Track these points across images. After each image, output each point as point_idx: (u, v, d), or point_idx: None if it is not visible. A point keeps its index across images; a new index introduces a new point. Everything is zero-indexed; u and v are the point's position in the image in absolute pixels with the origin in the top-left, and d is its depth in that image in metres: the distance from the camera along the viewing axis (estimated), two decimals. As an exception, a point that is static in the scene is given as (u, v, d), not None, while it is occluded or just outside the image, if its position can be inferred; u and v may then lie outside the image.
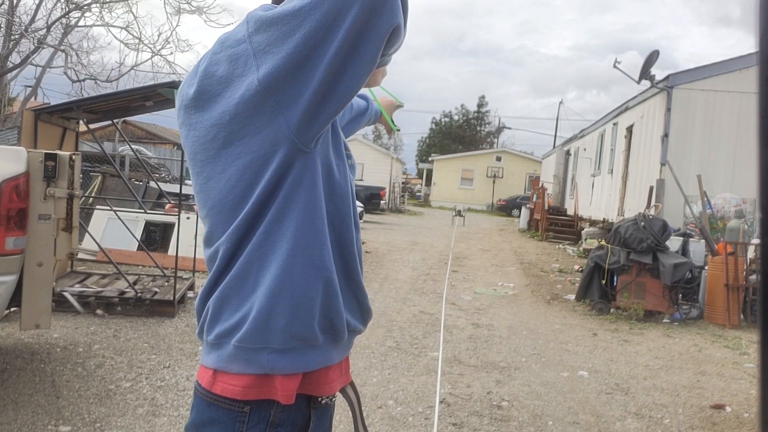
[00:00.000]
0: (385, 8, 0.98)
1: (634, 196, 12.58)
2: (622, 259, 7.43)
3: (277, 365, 1.10)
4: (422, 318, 6.46)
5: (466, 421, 3.74)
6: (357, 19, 0.97)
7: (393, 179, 31.31)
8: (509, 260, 12.58)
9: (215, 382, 1.13)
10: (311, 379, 1.16)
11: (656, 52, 11.28)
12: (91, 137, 8.14)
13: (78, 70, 14.44)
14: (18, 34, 13.35)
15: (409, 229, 19.09)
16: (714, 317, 7.30)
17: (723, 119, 10.94)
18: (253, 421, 1.11)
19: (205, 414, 1.13)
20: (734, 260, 7.29)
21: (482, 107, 59.05)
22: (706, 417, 4.13)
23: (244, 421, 1.10)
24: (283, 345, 1.10)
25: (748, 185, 10.35)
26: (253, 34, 1.02)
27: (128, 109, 7.09)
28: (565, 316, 7.21)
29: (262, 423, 1.11)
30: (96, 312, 5.51)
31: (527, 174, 37.49)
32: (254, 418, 1.11)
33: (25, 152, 3.53)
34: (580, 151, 19.95)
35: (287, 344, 1.10)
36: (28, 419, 3.28)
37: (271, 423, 1.11)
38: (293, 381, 1.12)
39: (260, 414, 1.11)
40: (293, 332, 1.10)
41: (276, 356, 1.10)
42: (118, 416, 3.39)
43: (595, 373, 4.96)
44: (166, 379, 4.01)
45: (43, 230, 3.56)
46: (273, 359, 1.09)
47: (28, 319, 3.56)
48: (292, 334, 1.10)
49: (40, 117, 5.72)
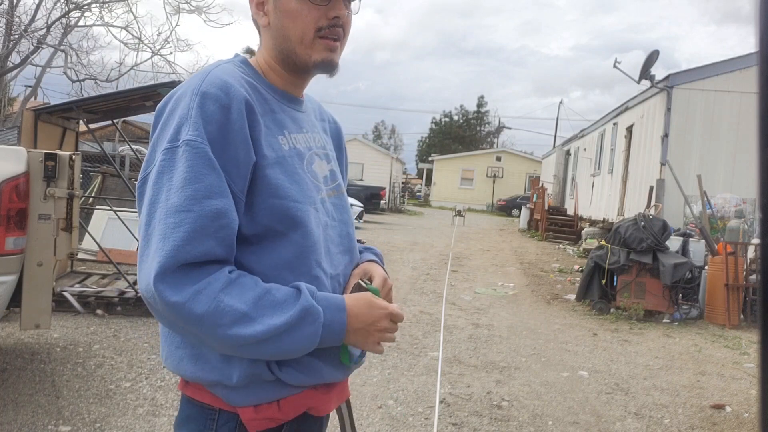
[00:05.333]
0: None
1: (634, 196, 12.58)
2: (622, 259, 7.42)
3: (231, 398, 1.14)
4: (422, 318, 6.46)
5: (466, 421, 3.74)
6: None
7: (393, 179, 31.31)
8: (509, 260, 12.58)
9: (187, 385, 1.17)
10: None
11: (656, 51, 11.28)
12: (91, 137, 8.14)
13: (78, 70, 14.45)
14: (18, 34, 13.35)
15: (409, 229, 19.08)
16: (714, 317, 7.29)
17: (723, 119, 10.94)
18: (223, 419, 1.14)
19: (184, 411, 1.19)
20: (734, 260, 7.29)
21: (482, 107, 59.10)
22: (706, 417, 4.13)
23: (214, 419, 1.14)
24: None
25: (748, 185, 10.35)
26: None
27: (128, 109, 7.09)
28: (565, 316, 7.21)
29: (232, 422, 1.13)
30: (96, 312, 5.51)
31: (527, 174, 37.48)
32: (224, 416, 1.14)
33: (25, 152, 3.53)
34: (580, 151, 19.95)
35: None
36: (28, 419, 3.27)
37: (241, 422, 1.13)
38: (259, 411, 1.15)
39: (230, 413, 1.14)
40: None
41: (227, 391, 1.13)
42: (118, 416, 3.39)
43: (595, 373, 4.96)
44: (166, 379, 4.01)
45: (43, 230, 3.56)
46: (225, 393, 1.13)
47: (28, 319, 3.56)
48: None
49: (40, 117, 5.72)
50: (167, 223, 1.01)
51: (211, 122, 1.05)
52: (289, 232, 1.12)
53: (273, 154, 1.12)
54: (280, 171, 1.13)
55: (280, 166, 1.13)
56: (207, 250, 1.01)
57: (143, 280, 1.02)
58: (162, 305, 1.01)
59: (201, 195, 1.02)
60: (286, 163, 1.15)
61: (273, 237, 1.12)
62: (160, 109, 1.12)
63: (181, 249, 0.99)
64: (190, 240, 1.00)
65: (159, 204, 1.03)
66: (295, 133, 1.21)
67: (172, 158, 1.04)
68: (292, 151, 1.18)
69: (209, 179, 1.03)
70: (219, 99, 1.07)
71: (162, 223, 1.01)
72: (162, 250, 0.99)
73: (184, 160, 1.03)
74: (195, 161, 1.03)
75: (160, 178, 1.04)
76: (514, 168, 38.91)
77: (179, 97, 1.09)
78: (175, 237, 1.00)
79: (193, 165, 1.02)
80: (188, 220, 1.00)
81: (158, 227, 1.02)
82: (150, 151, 1.09)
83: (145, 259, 1.03)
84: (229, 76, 1.11)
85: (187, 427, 1.16)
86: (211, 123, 1.05)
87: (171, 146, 1.05)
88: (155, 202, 1.03)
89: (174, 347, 1.15)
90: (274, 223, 1.11)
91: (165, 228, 1.00)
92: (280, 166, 1.13)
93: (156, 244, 1.01)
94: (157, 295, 1.00)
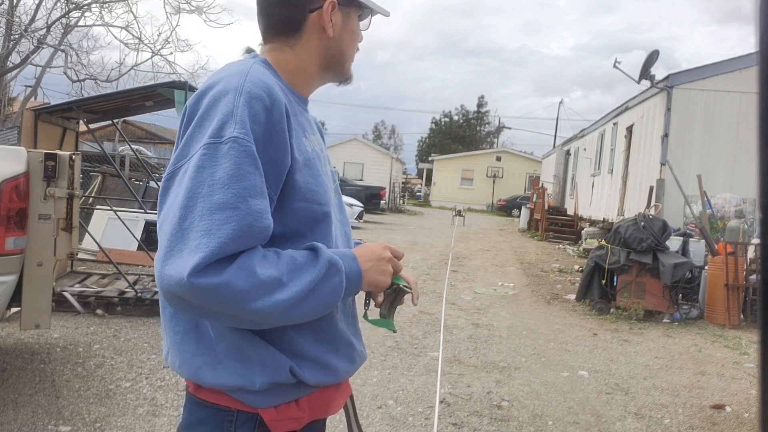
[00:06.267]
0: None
1: (634, 196, 12.58)
2: (622, 259, 7.42)
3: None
4: (422, 318, 6.46)
5: (466, 421, 3.74)
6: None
7: (393, 179, 31.31)
8: (509, 260, 12.58)
9: (200, 388, 1.16)
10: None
11: (656, 51, 11.28)
12: (91, 137, 8.14)
13: (78, 70, 14.45)
14: (18, 34, 13.35)
15: (409, 228, 19.08)
16: (714, 317, 7.29)
17: (723, 119, 10.94)
18: (242, 420, 1.13)
19: (194, 414, 1.17)
20: (734, 260, 7.29)
21: (482, 107, 59.10)
22: (706, 417, 4.13)
23: (232, 420, 1.13)
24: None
25: (748, 185, 10.35)
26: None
27: (128, 109, 7.09)
28: (565, 316, 7.21)
29: (251, 422, 1.13)
30: (96, 312, 5.51)
31: (527, 174, 37.47)
32: (242, 417, 1.13)
33: (25, 152, 3.53)
34: (580, 151, 19.95)
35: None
36: (28, 419, 3.27)
37: (260, 421, 1.13)
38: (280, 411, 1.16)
39: (249, 414, 1.13)
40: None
41: (248, 395, 1.13)
42: (118, 416, 3.39)
43: (595, 373, 4.96)
44: (166, 379, 4.01)
45: (43, 230, 3.56)
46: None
47: (28, 319, 3.56)
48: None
49: (40, 117, 5.72)
50: (213, 219, 0.98)
51: (257, 122, 1.06)
52: (310, 233, 1.15)
53: (302, 158, 1.14)
54: (308, 174, 1.15)
55: (308, 169, 1.16)
56: (247, 247, 1.02)
57: (173, 274, 0.97)
58: (198, 294, 0.97)
59: (248, 194, 1.01)
60: (312, 165, 1.17)
61: (295, 238, 1.14)
62: (192, 105, 1.11)
63: (225, 246, 0.98)
64: (235, 238, 0.99)
65: (200, 198, 1.00)
66: (311, 135, 1.24)
67: (215, 154, 1.03)
68: (314, 153, 1.21)
69: (254, 179, 1.03)
70: (263, 100, 1.08)
71: (206, 219, 0.99)
72: (207, 246, 0.97)
73: (230, 156, 1.02)
74: (242, 159, 1.02)
75: (201, 172, 1.02)
76: (514, 168, 38.91)
77: (218, 94, 1.08)
78: (222, 234, 0.98)
79: (240, 163, 1.02)
80: (235, 218, 0.99)
81: (200, 223, 0.99)
82: (183, 146, 1.07)
83: (178, 252, 0.98)
84: (268, 78, 1.13)
85: (200, 430, 1.15)
86: (256, 123, 1.06)
87: (213, 141, 1.03)
88: (194, 197, 1.01)
89: (189, 355, 1.13)
90: (300, 225, 1.14)
91: (210, 224, 0.98)
92: (307, 169, 1.15)
93: (198, 239, 0.98)
94: (193, 287, 0.96)
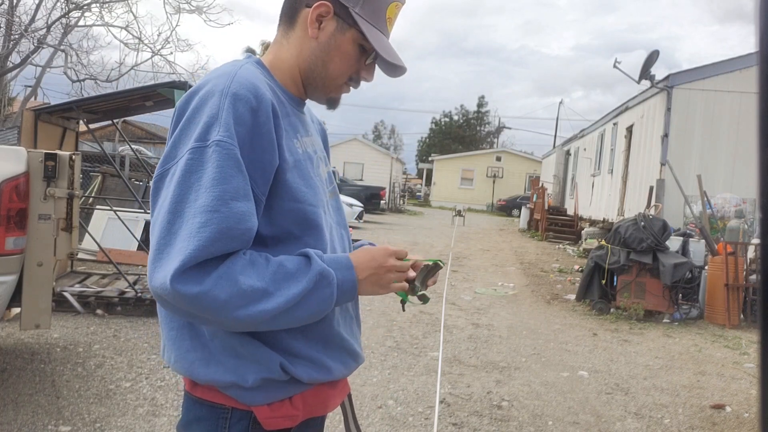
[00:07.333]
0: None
1: (634, 196, 12.58)
2: (622, 259, 7.42)
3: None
4: (422, 318, 6.46)
5: (466, 421, 3.74)
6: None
7: (393, 179, 31.30)
8: (509, 260, 12.58)
9: (196, 386, 1.17)
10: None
11: (656, 51, 11.28)
12: (91, 137, 8.14)
13: (78, 70, 14.44)
14: (18, 34, 13.35)
15: (409, 229, 19.07)
16: (714, 317, 7.29)
17: (723, 119, 10.94)
18: (236, 417, 1.14)
19: (191, 412, 1.18)
20: (734, 260, 7.29)
21: (482, 107, 59.10)
22: (706, 417, 4.13)
23: (227, 417, 1.14)
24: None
25: (748, 185, 10.35)
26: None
27: (128, 109, 7.09)
28: (565, 316, 7.21)
29: (245, 419, 1.14)
30: (96, 312, 5.51)
31: (527, 174, 37.47)
32: (237, 414, 1.14)
33: (25, 152, 3.53)
34: (580, 151, 19.95)
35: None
36: (28, 419, 3.27)
37: (254, 419, 1.14)
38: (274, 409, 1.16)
39: (243, 411, 1.14)
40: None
41: (242, 391, 1.13)
42: (118, 416, 3.39)
43: (595, 373, 4.96)
44: (166, 379, 4.01)
45: (43, 230, 3.56)
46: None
47: (28, 319, 3.56)
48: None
49: (40, 117, 5.72)
50: (194, 223, 1.00)
51: (241, 124, 1.06)
52: (304, 235, 1.15)
53: (291, 158, 1.14)
54: (298, 175, 1.15)
55: (298, 170, 1.16)
56: (228, 250, 1.02)
57: (159, 278, 1.00)
58: (180, 300, 0.99)
59: (229, 196, 1.02)
60: (301, 166, 1.17)
61: (288, 239, 1.14)
62: (181, 105, 1.11)
63: (204, 249, 0.99)
64: (215, 240, 1.00)
65: (188, 203, 1.02)
66: (304, 136, 1.24)
67: (201, 158, 1.03)
68: (305, 155, 1.21)
69: (237, 181, 1.03)
70: (249, 101, 1.07)
71: (189, 223, 1.00)
72: (186, 249, 0.98)
73: (213, 160, 1.03)
74: (224, 162, 1.03)
75: (188, 177, 1.03)
76: (514, 168, 38.90)
77: (205, 96, 1.08)
78: (201, 237, 0.99)
79: (223, 166, 1.03)
80: (215, 221, 1.00)
81: (185, 227, 1.01)
82: (171, 147, 1.08)
83: (164, 257, 1.00)
84: (256, 79, 1.12)
85: (197, 427, 1.15)
86: (241, 125, 1.06)
87: (199, 145, 1.04)
88: (182, 201, 1.02)
89: (184, 351, 1.14)
90: (291, 226, 1.14)
91: (191, 228, 1.00)
92: (297, 170, 1.15)
93: (181, 243, 0.99)
94: (175, 293, 0.98)
